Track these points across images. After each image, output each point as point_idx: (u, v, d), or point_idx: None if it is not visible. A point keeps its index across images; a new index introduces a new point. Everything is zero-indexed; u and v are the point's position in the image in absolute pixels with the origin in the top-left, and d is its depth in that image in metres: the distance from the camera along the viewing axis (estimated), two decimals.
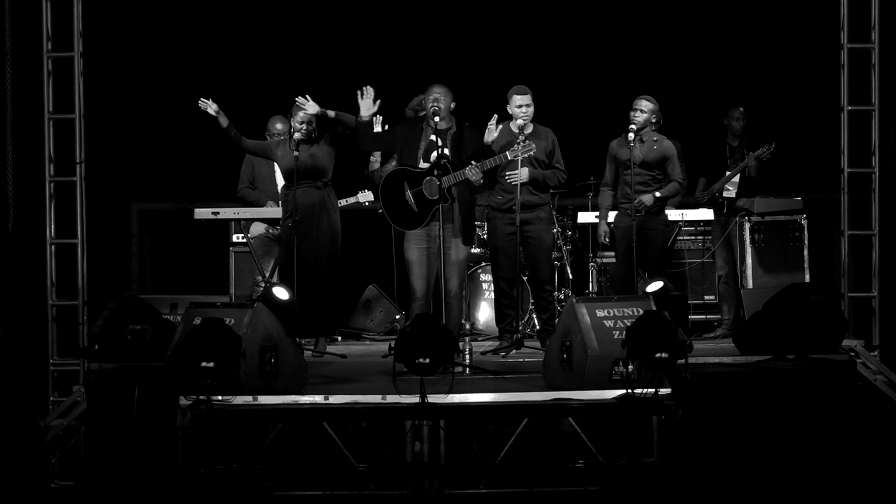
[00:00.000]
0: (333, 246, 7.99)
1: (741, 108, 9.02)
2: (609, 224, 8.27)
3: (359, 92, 7.59)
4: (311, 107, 7.83)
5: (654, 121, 8.15)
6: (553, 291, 8.45)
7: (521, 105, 7.95)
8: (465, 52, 10.01)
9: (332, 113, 7.88)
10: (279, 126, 8.64)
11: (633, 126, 8.00)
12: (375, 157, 8.99)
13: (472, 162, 7.58)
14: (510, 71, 8.91)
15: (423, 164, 7.72)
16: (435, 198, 7.57)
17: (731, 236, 8.97)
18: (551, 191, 8.30)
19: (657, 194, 8.04)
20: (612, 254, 9.56)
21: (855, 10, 7.73)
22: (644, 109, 8.05)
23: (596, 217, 8.58)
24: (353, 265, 9.90)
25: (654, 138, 8.11)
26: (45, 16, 7.53)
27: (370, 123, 7.74)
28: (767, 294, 7.38)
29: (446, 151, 7.54)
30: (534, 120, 8.05)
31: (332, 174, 8.05)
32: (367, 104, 7.61)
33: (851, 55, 7.76)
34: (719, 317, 9.08)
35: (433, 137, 7.68)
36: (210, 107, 7.80)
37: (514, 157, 7.68)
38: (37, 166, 7.55)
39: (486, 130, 7.65)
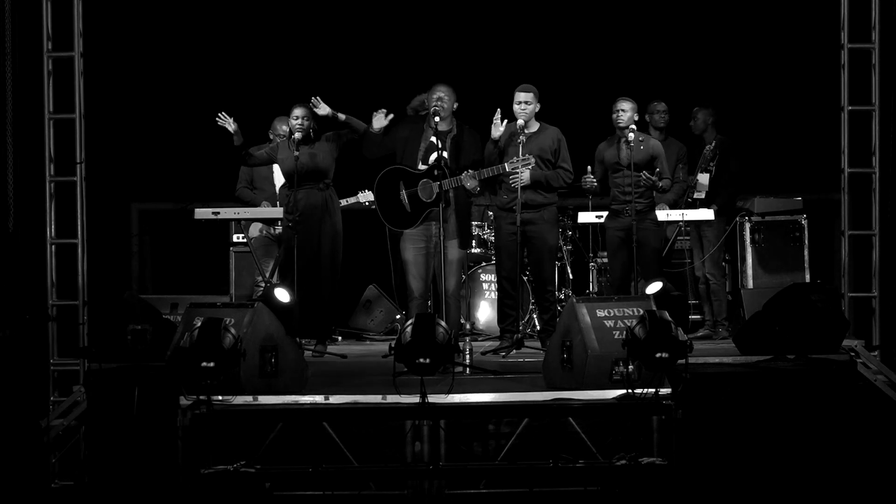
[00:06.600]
0: (335, 248, 7.98)
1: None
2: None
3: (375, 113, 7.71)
4: (322, 108, 7.80)
5: (636, 119, 8.13)
6: (555, 292, 8.43)
7: (520, 102, 7.92)
8: (470, 51, 10.00)
9: (342, 116, 7.85)
10: (284, 127, 8.51)
11: (633, 126, 8.00)
12: None
13: (469, 170, 7.59)
14: (514, 70, 8.89)
15: (421, 166, 7.72)
16: (429, 200, 7.58)
17: (702, 237, 8.92)
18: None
19: (651, 176, 7.99)
20: None
21: (855, 10, 7.73)
22: (627, 109, 8.04)
23: (598, 218, 8.55)
24: (353, 265, 9.91)
25: (640, 138, 8.10)
26: (45, 16, 7.53)
27: (379, 133, 7.76)
28: (767, 294, 7.38)
29: (445, 155, 7.54)
30: (538, 119, 8.04)
31: (333, 175, 8.05)
32: (380, 119, 7.71)
33: (851, 55, 7.76)
34: (700, 317, 9.07)
35: (433, 139, 7.68)
36: (229, 124, 7.76)
37: (513, 168, 7.68)
38: (37, 166, 7.54)
39: (493, 125, 7.68)
